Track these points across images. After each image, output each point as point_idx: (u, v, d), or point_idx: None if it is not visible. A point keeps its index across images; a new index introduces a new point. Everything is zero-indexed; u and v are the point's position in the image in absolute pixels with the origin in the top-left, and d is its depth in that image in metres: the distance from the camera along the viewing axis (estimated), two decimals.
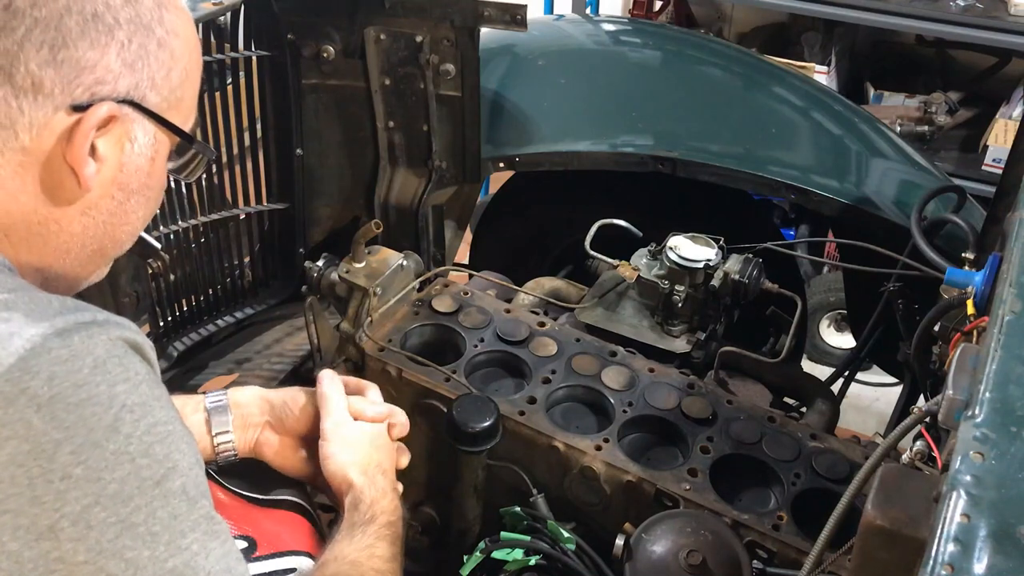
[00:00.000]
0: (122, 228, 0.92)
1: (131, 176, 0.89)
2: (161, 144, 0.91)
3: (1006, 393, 0.76)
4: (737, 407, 1.43)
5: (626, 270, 1.60)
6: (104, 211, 0.89)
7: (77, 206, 0.87)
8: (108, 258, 0.96)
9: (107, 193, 0.88)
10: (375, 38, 1.69)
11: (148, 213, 0.96)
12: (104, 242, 0.92)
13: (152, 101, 0.87)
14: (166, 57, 0.87)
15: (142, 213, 0.94)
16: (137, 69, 0.85)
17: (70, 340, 0.73)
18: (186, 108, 0.93)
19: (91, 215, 0.89)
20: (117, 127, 0.85)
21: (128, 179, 0.89)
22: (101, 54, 0.82)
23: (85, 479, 0.72)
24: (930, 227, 1.55)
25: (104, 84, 0.83)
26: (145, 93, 0.86)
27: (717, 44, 2.47)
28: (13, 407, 0.70)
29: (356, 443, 1.17)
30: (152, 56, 0.86)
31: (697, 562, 1.15)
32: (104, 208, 0.89)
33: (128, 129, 0.87)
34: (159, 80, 0.87)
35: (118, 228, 0.92)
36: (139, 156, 0.89)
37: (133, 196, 0.91)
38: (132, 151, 0.88)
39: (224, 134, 1.77)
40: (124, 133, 0.86)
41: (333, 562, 1.03)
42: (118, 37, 0.83)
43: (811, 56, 3.38)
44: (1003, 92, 3.26)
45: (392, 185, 1.89)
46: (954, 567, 0.63)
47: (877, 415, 2.72)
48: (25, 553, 0.70)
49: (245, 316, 1.97)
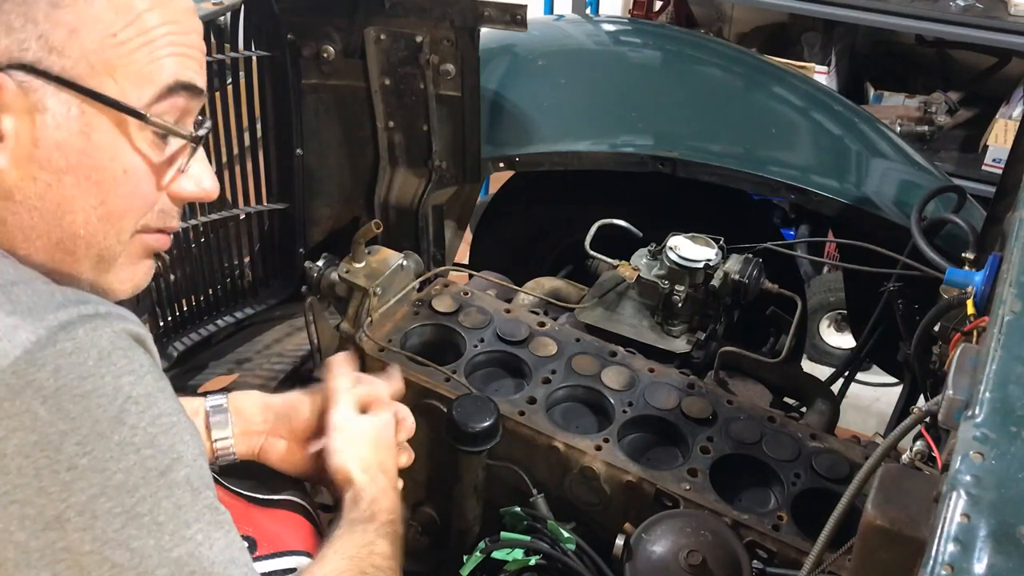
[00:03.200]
0: (70, 217, 0.83)
1: (52, 152, 0.81)
2: (94, 118, 0.82)
3: (1006, 393, 0.76)
4: (737, 407, 1.43)
5: (626, 270, 1.60)
6: (32, 195, 0.81)
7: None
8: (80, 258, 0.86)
9: (27, 174, 0.81)
10: (375, 38, 1.69)
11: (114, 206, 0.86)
12: (57, 235, 0.84)
13: (57, 65, 0.79)
14: (67, 16, 0.79)
15: (96, 202, 0.84)
16: (16, 29, 0.78)
17: (75, 332, 0.74)
18: (129, 80, 0.83)
19: (17, 201, 0.81)
20: (15, 97, 0.78)
21: (49, 156, 0.81)
22: None
23: (91, 470, 0.73)
24: (930, 227, 1.55)
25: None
26: (41, 56, 0.78)
27: (717, 44, 2.47)
28: (19, 398, 0.70)
29: (360, 440, 1.17)
30: (42, 15, 0.78)
31: (697, 562, 1.15)
32: (30, 192, 0.81)
33: (32, 100, 0.79)
34: (58, 42, 0.79)
35: (64, 217, 0.83)
36: (59, 129, 0.80)
37: (65, 177, 0.82)
38: (47, 124, 0.80)
39: (224, 134, 1.77)
40: (28, 104, 0.79)
41: (332, 558, 1.03)
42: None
43: (811, 56, 3.38)
44: (1003, 92, 3.26)
45: (392, 185, 1.89)
46: (954, 567, 0.63)
47: (877, 415, 2.73)
48: (32, 543, 0.71)
49: (245, 316, 1.97)
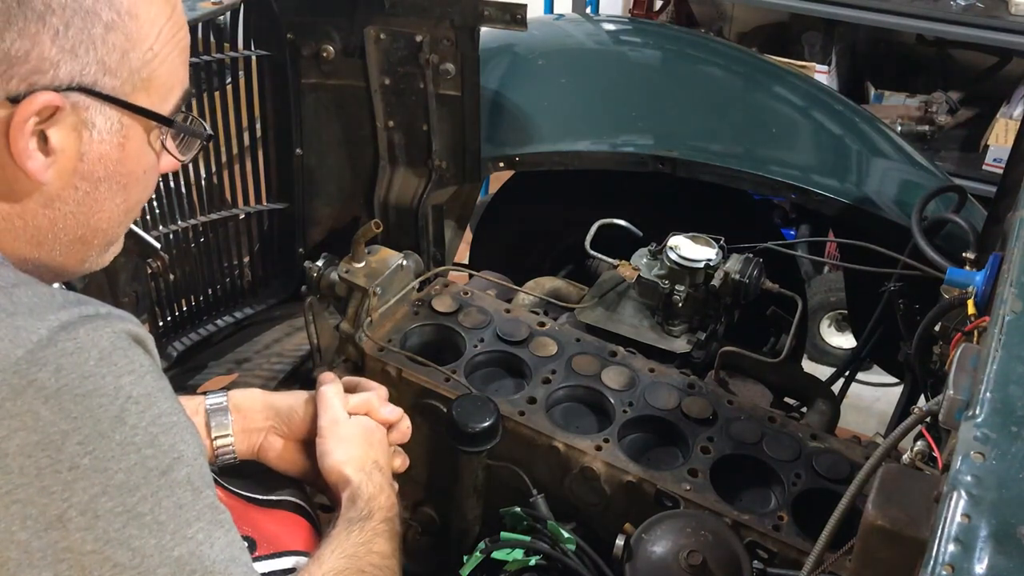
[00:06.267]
0: (97, 216, 0.89)
1: (95, 165, 0.85)
2: (131, 129, 0.87)
3: (1007, 393, 0.75)
4: (737, 407, 1.43)
5: (626, 270, 1.60)
6: (70, 202, 0.86)
7: (36, 199, 0.84)
8: (95, 246, 0.92)
9: (69, 184, 0.85)
10: (375, 38, 1.69)
11: (134, 200, 0.92)
12: (81, 232, 0.89)
13: (109, 85, 0.83)
14: (119, 40, 0.82)
15: (120, 200, 0.90)
16: (80, 55, 0.81)
17: (76, 333, 0.75)
18: (161, 88, 0.88)
19: (56, 207, 0.85)
20: (67, 116, 0.82)
21: (92, 168, 0.85)
22: (32, 43, 0.78)
23: (92, 469, 0.73)
24: (931, 227, 1.55)
25: (41, 73, 0.79)
26: (97, 78, 0.82)
27: (717, 44, 2.46)
28: (21, 398, 0.71)
29: (352, 440, 1.17)
30: (99, 40, 0.81)
31: (697, 562, 1.14)
32: (69, 199, 0.86)
33: (83, 117, 0.83)
34: (113, 64, 0.83)
35: (92, 217, 0.88)
36: (102, 144, 0.85)
37: (102, 184, 0.87)
38: (92, 139, 0.84)
39: (224, 134, 1.77)
40: (78, 121, 0.83)
41: (330, 557, 1.02)
42: (51, 23, 0.79)
43: (812, 55, 3.38)
44: (1004, 92, 3.26)
45: (392, 185, 1.89)
46: (954, 567, 0.63)
47: (878, 415, 2.72)
48: (34, 543, 0.72)
49: (245, 316, 1.97)
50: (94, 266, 0.95)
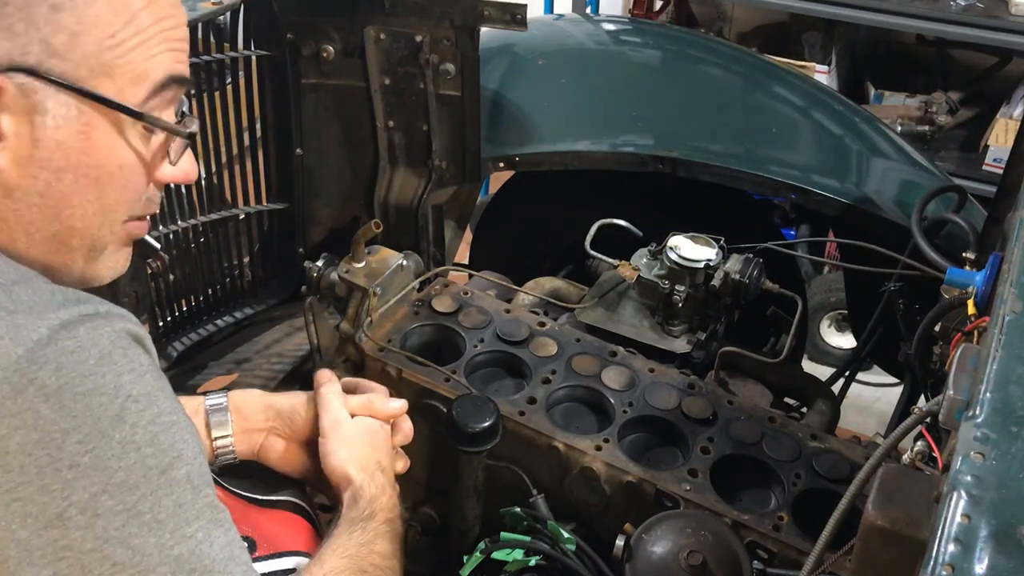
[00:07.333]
0: (68, 212, 0.85)
1: (53, 152, 0.82)
2: (93, 117, 0.83)
3: (1007, 393, 0.75)
4: (737, 407, 1.43)
5: (626, 270, 1.60)
6: (32, 193, 0.82)
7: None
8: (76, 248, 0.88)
9: (27, 172, 0.81)
10: (375, 38, 1.69)
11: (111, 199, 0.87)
12: (54, 228, 0.85)
13: (58, 69, 0.80)
14: (69, 21, 0.79)
15: (93, 197, 0.86)
16: (19, 33, 0.78)
17: (76, 332, 0.75)
18: (126, 79, 0.83)
19: (17, 197, 0.82)
20: (15, 99, 0.79)
21: (50, 156, 0.82)
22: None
23: (92, 468, 0.74)
24: (931, 227, 1.55)
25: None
26: (42, 60, 0.79)
27: (717, 44, 2.46)
28: (22, 397, 0.71)
29: (355, 440, 1.17)
30: (42, 20, 0.78)
31: (697, 563, 1.14)
32: (30, 189, 0.82)
33: (32, 100, 0.79)
34: (60, 46, 0.79)
35: (62, 211, 0.84)
36: (59, 130, 0.81)
37: (65, 175, 0.83)
38: (46, 125, 0.80)
39: (224, 134, 1.77)
40: (28, 105, 0.79)
41: (331, 557, 1.03)
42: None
43: (811, 55, 3.38)
44: (1004, 92, 3.26)
45: (392, 185, 1.89)
46: (955, 567, 0.63)
47: (878, 415, 2.72)
48: (34, 541, 0.72)
49: (245, 316, 1.97)
50: (87, 275, 0.91)
